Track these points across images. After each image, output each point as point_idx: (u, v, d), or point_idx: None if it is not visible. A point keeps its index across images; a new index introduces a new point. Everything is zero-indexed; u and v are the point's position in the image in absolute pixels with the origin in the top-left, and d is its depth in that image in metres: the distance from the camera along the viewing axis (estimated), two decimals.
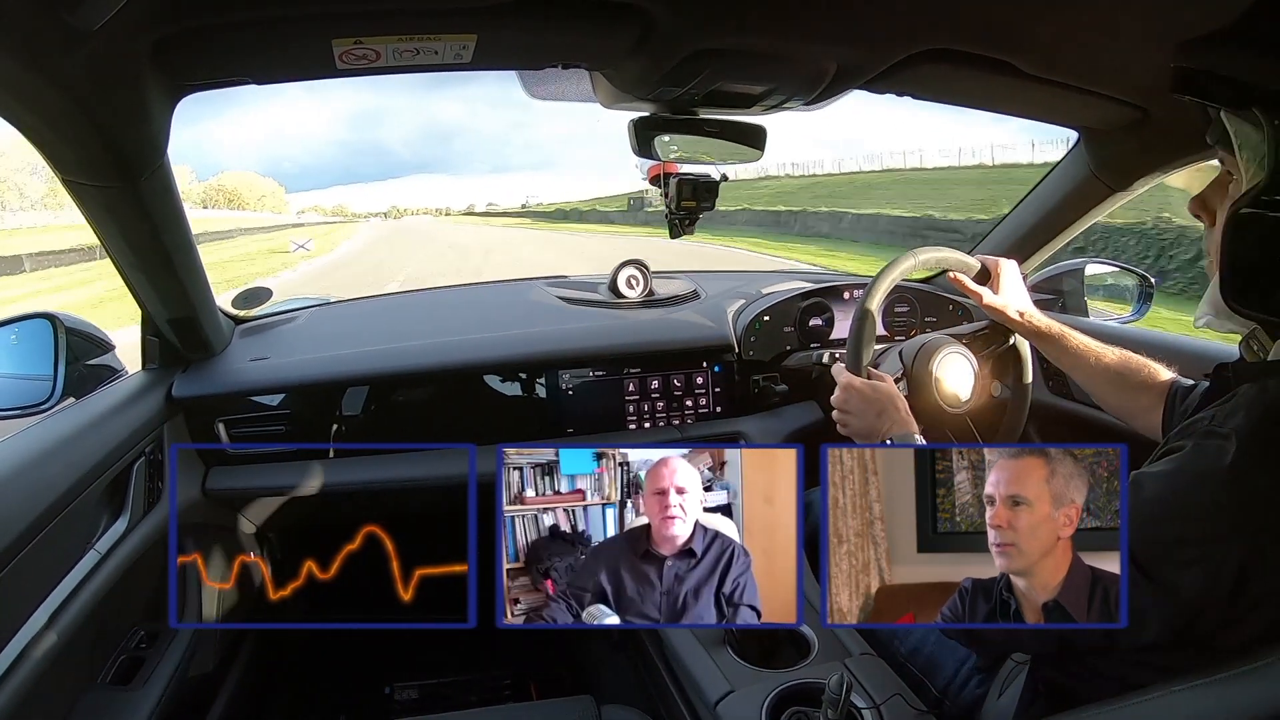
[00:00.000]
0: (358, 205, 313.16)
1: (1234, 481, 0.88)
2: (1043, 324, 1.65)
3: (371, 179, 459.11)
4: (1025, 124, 4.01)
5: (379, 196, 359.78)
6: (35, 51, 0.92)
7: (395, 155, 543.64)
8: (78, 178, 1.27)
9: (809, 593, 1.04)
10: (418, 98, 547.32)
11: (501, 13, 1.17)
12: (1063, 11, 1.23)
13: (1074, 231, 2.19)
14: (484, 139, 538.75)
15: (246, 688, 2.11)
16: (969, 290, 1.72)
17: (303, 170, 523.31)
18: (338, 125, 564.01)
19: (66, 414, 1.57)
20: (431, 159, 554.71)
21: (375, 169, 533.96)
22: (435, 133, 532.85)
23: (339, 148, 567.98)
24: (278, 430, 1.97)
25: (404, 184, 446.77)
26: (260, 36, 1.15)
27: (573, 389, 2.12)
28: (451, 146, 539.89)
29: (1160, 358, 1.51)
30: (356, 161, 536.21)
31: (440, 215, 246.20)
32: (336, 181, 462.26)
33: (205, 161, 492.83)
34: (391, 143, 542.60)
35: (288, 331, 2.21)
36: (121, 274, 1.59)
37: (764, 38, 1.33)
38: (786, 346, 2.25)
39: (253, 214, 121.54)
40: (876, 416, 1.48)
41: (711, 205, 1.83)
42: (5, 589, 1.17)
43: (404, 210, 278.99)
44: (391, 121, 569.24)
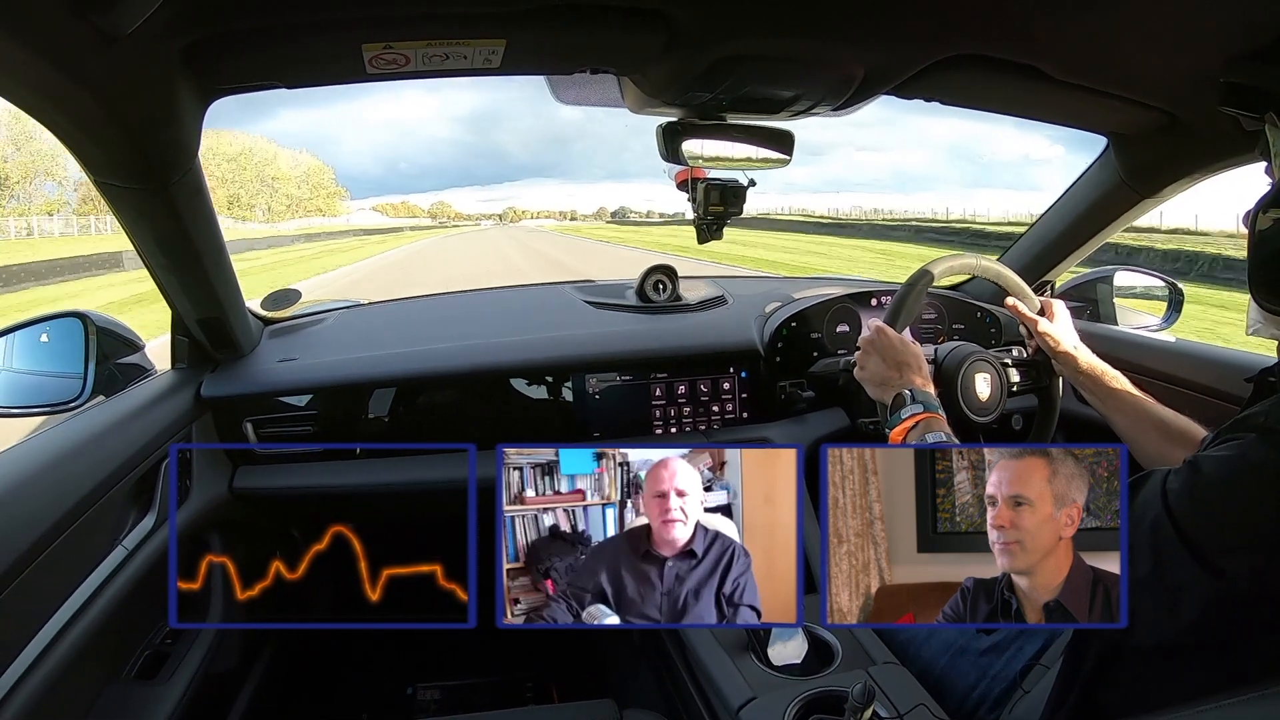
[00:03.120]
0: (469, 207, 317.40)
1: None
2: (1097, 364, 1.64)
3: (489, 182, 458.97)
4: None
5: (495, 199, 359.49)
6: (68, 55, 0.93)
7: (513, 158, 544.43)
8: (110, 179, 1.28)
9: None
10: (533, 100, 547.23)
11: (530, 18, 1.17)
12: (1091, 17, 1.22)
13: (1103, 238, 2.17)
14: (602, 143, 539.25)
15: (269, 685, 2.13)
16: (1024, 316, 1.73)
17: (421, 171, 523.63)
18: (457, 126, 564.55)
19: (96, 412, 1.58)
20: (549, 163, 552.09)
21: (492, 171, 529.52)
22: (553, 136, 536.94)
23: (458, 148, 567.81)
24: (305, 430, 1.98)
25: (520, 188, 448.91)
26: (291, 41, 1.16)
27: (599, 393, 2.11)
28: (568, 151, 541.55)
29: (1201, 367, 1.50)
30: (474, 164, 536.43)
31: (566, 220, 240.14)
32: (454, 184, 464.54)
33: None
34: (509, 145, 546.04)
35: (316, 333, 2.22)
36: (152, 274, 1.61)
37: (791, 43, 1.33)
38: (814, 353, 2.24)
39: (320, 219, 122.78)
40: (898, 366, 1.49)
41: (739, 210, 1.83)
42: (33, 583, 1.19)
43: (522, 213, 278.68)
44: (509, 124, 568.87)
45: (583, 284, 2.60)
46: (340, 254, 44.31)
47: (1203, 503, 0.91)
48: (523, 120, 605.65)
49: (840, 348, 2.26)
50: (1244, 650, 0.91)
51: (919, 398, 1.43)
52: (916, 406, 1.42)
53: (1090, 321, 2.35)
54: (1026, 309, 1.74)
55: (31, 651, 1.21)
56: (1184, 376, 1.90)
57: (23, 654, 1.20)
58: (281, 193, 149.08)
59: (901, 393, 1.45)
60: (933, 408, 1.42)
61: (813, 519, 1.07)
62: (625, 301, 2.41)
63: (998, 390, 1.74)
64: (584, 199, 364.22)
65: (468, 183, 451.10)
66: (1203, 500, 0.91)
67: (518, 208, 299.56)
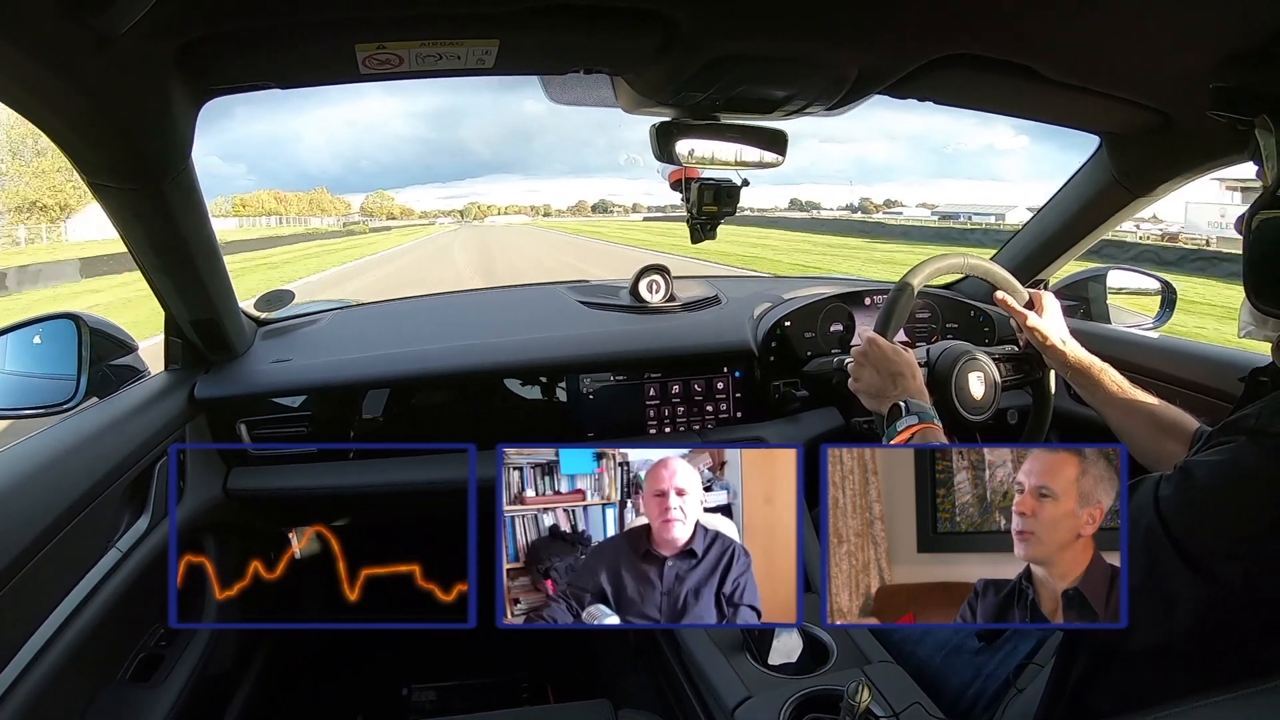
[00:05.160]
0: (428, 204, 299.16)
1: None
2: (1085, 357, 1.65)
3: (450, 179, 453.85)
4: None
5: (457, 195, 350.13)
6: (60, 56, 0.93)
7: (475, 155, 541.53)
8: (102, 180, 1.28)
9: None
10: (496, 96, 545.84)
11: (524, 18, 1.17)
12: (1085, 17, 1.22)
13: (1097, 237, 2.18)
14: (564, 138, 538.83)
15: (264, 686, 2.13)
16: (1013, 310, 1.73)
17: (382, 169, 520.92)
18: (418, 123, 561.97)
19: (89, 414, 1.58)
20: (512, 159, 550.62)
21: (454, 168, 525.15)
22: (515, 131, 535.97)
23: (420, 145, 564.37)
24: (299, 431, 1.97)
25: (482, 184, 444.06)
26: (284, 41, 1.16)
27: (593, 393, 2.11)
28: (530, 146, 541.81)
29: (1192, 366, 1.50)
30: (436, 161, 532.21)
31: (538, 215, 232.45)
32: (415, 181, 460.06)
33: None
34: (472, 142, 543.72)
35: (310, 334, 2.22)
36: (145, 275, 1.61)
37: (785, 43, 1.33)
38: (807, 352, 2.24)
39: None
40: (892, 378, 1.49)
41: (733, 210, 1.83)
42: (27, 586, 1.18)
43: (488, 208, 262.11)
44: (471, 121, 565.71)
45: (576, 284, 2.60)
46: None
47: (1195, 509, 0.91)
48: (485, 116, 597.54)
49: (833, 347, 2.26)
50: (1238, 654, 0.92)
51: (913, 409, 1.43)
52: (911, 418, 1.42)
53: (1083, 320, 2.36)
54: (1015, 302, 1.75)
55: (25, 655, 1.21)
56: (1176, 374, 1.91)
57: (16, 657, 1.19)
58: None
59: (897, 404, 1.45)
60: (928, 418, 1.42)
61: (812, 518, 1.08)
62: (619, 302, 2.42)
63: (991, 388, 1.74)
64: (548, 194, 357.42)
65: (429, 180, 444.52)
66: (1195, 507, 0.91)
67: (482, 203, 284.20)
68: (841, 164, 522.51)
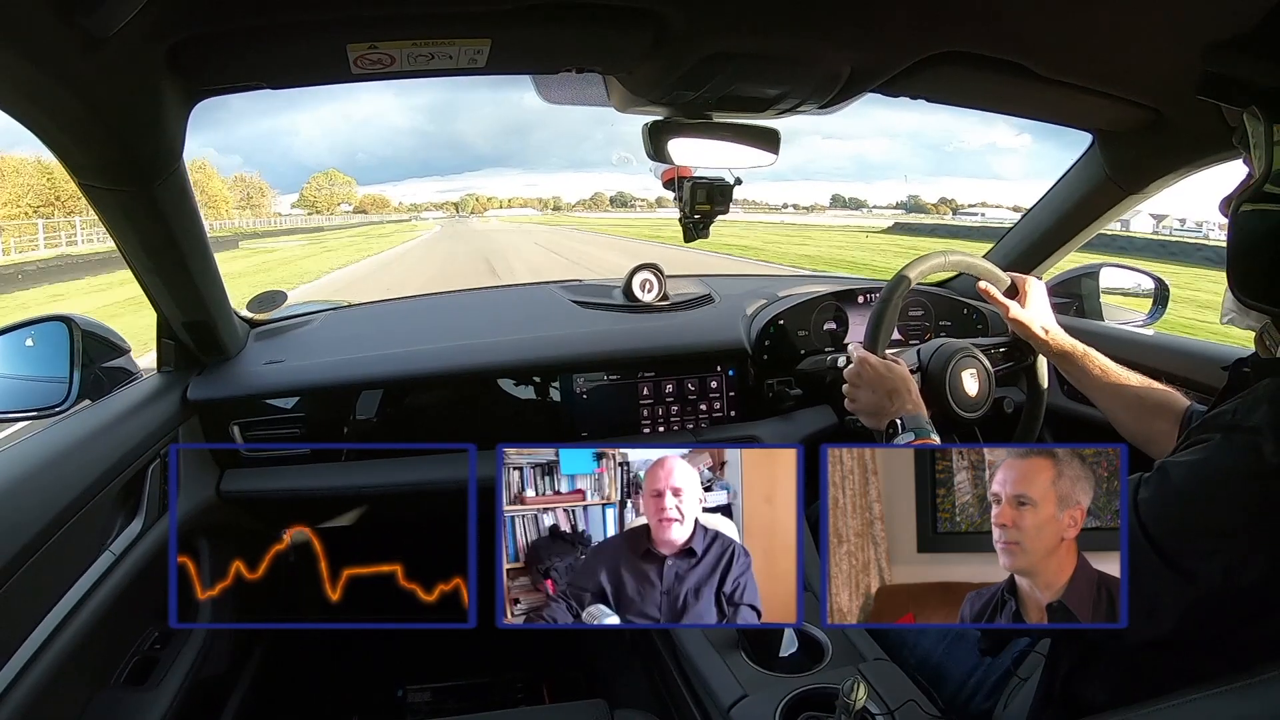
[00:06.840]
0: (420, 196, 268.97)
1: (1266, 478, 0.87)
2: (1067, 343, 1.66)
3: (448, 172, 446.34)
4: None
5: (454, 189, 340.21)
6: (51, 56, 0.92)
7: (472, 148, 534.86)
8: (93, 181, 1.27)
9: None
10: (494, 89, 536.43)
11: (515, 17, 1.17)
12: (1077, 15, 1.23)
13: (1090, 234, 2.18)
14: (562, 132, 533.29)
15: (259, 688, 2.12)
16: (996, 301, 1.74)
17: (380, 162, 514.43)
18: (417, 116, 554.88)
19: (82, 416, 1.57)
20: (509, 153, 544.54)
21: (452, 162, 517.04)
22: (513, 125, 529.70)
23: (418, 139, 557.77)
24: (292, 433, 1.97)
25: (480, 178, 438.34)
26: (276, 42, 1.16)
27: (587, 393, 2.11)
28: (528, 140, 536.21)
29: (1178, 360, 1.50)
30: (434, 155, 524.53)
31: (546, 210, 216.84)
32: (412, 175, 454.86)
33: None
34: (469, 135, 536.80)
35: (303, 335, 2.21)
36: (137, 277, 1.60)
37: (778, 41, 1.33)
38: (801, 350, 2.25)
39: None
40: (887, 395, 1.50)
41: (726, 209, 1.83)
42: (20, 589, 1.18)
43: (487, 201, 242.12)
44: (469, 114, 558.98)
45: (570, 284, 2.59)
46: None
47: (1173, 510, 0.92)
48: (483, 110, 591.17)
49: (827, 345, 2.27)
50: (1224, 644, 0.92)
51: (910, 425, 1.44)
52: (909, 434, 1.43)
53: (1076, 317, 2.36)
54: (997, 292, 1.76)
55: (19, 659, 1.20)
56: (1166, 370, 1.91)
57: (10, 661, 1.19)
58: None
59: (894, 421, 1.46)
60: (925, 433, 1.43)
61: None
62: (612, 301, 2.41)
63: (985, 383, 1.75)
64: (547, 187, 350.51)
65: (427, 174, 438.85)
66: (1173, 508, 0.92)
67: (480, 195, 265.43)
68: (841, 160, 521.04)
